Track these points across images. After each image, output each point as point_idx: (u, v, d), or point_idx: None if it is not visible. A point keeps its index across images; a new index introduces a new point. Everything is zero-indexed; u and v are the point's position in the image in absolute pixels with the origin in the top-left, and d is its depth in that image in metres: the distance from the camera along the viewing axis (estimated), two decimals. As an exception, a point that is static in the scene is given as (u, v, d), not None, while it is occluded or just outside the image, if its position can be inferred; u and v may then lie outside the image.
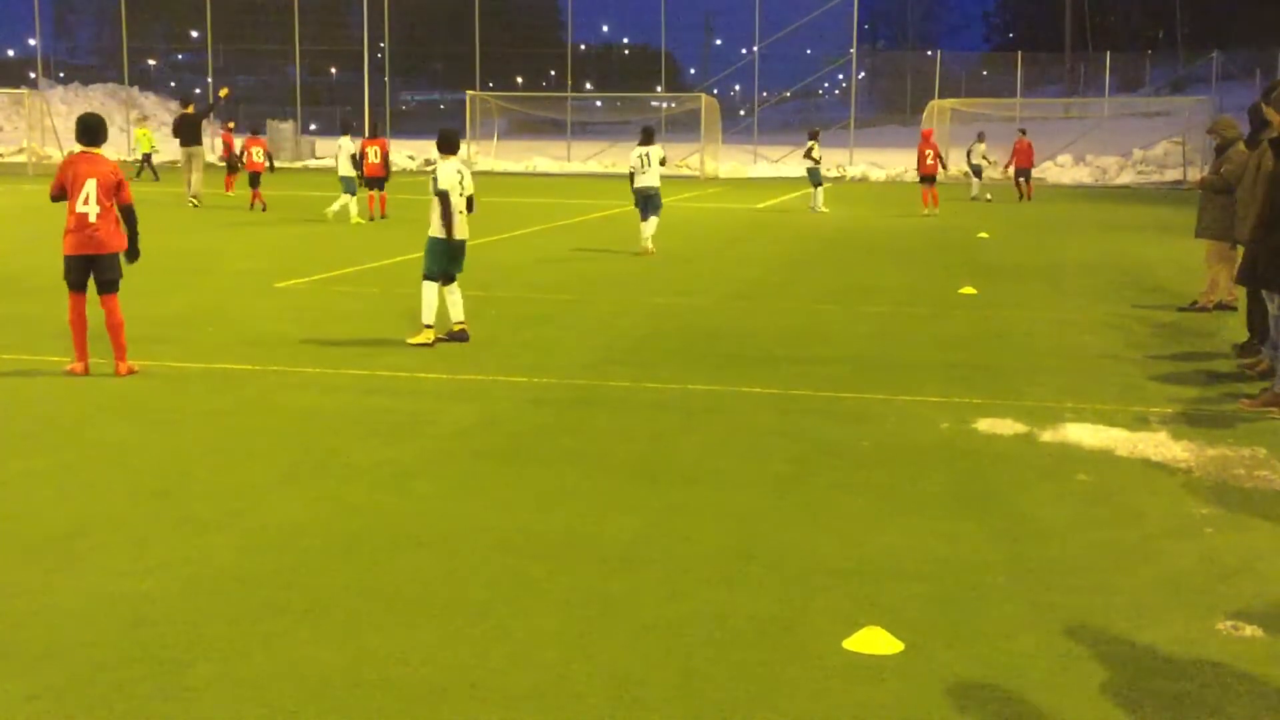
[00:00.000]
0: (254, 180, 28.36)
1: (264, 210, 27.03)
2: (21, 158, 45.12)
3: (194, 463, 7.61)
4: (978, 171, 35.18)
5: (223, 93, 33.83)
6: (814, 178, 29.79)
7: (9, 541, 6.13)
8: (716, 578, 5.80)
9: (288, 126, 53.87)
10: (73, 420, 8.62)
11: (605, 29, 72.76)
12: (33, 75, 61.31)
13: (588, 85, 62.63)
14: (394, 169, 24.69)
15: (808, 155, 29.66)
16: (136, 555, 5.97)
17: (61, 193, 10.14)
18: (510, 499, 6.98)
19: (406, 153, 52.52)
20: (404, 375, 10.19)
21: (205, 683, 4.61)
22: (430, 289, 11.48)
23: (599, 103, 62.01)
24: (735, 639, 5.10)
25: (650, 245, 19.58)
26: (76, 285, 10.03)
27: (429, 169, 49.85)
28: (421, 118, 63.84)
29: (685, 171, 46.02)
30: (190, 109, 29.86)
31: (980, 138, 35.56)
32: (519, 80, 61.74)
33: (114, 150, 53.31)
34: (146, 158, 38.52)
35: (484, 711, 4.45)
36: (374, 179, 25.34)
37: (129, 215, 10.20)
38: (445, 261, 11.58)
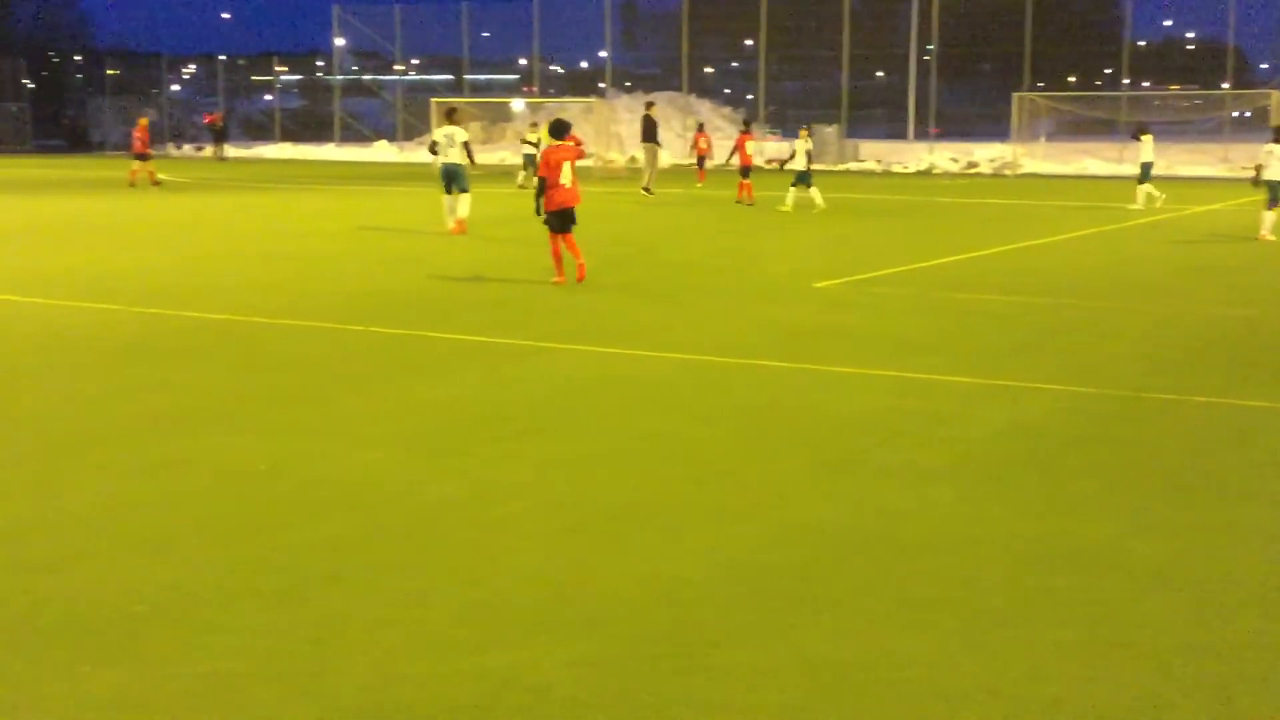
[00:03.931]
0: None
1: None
2: (588, 162, 48.39)
3: (729, 455, 7.93)
4: None
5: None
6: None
7: (558, 519, 6.62)
8: (1256, 603, 5.43)
9: (832, 130, 54.87)
10: (619, 409, 9.19)
11: (1168, 23, 68.98)
12: (601, 85, 65.77)
13: (1144, 83, 59.69)
14: (935, 170, 25.73)
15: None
16: (672, 539, 6.30)
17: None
18: (1036, 508, 6.83)
19: (949, 155, 52.18)
20: (935, 378, 10.16)
21: (726, 666, 4.80)
22: None
23: (1156, 101, 58.96)
24: (1275, 671, 4.76)
25: (1270, 235, 21.14)
26: (560, 229, 15.24)
27: (971, 171, 49.33)
28: (963, 120, 63.09)
29: (1240, 173, 43.02)
30: (653, 110, 35.24)
31: None
32: (1071, 80, 59.77)
33: (669, 154, 56.30)
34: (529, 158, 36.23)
35: (997, 720, 4.39)
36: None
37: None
38: None
